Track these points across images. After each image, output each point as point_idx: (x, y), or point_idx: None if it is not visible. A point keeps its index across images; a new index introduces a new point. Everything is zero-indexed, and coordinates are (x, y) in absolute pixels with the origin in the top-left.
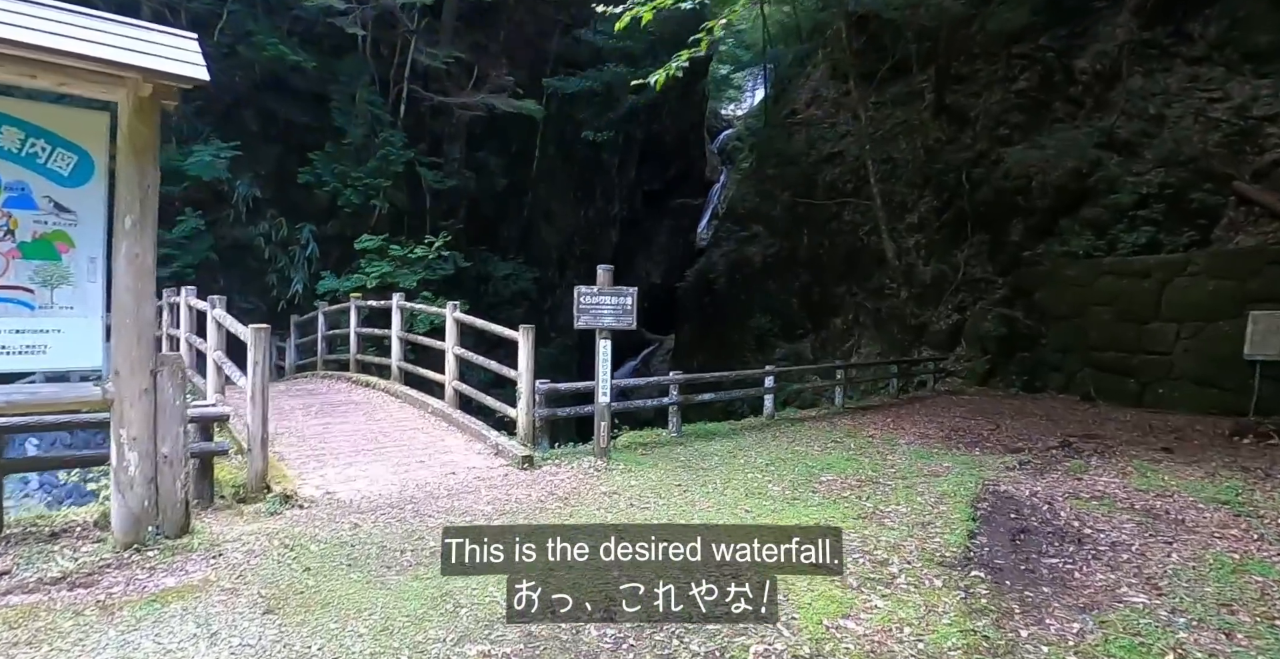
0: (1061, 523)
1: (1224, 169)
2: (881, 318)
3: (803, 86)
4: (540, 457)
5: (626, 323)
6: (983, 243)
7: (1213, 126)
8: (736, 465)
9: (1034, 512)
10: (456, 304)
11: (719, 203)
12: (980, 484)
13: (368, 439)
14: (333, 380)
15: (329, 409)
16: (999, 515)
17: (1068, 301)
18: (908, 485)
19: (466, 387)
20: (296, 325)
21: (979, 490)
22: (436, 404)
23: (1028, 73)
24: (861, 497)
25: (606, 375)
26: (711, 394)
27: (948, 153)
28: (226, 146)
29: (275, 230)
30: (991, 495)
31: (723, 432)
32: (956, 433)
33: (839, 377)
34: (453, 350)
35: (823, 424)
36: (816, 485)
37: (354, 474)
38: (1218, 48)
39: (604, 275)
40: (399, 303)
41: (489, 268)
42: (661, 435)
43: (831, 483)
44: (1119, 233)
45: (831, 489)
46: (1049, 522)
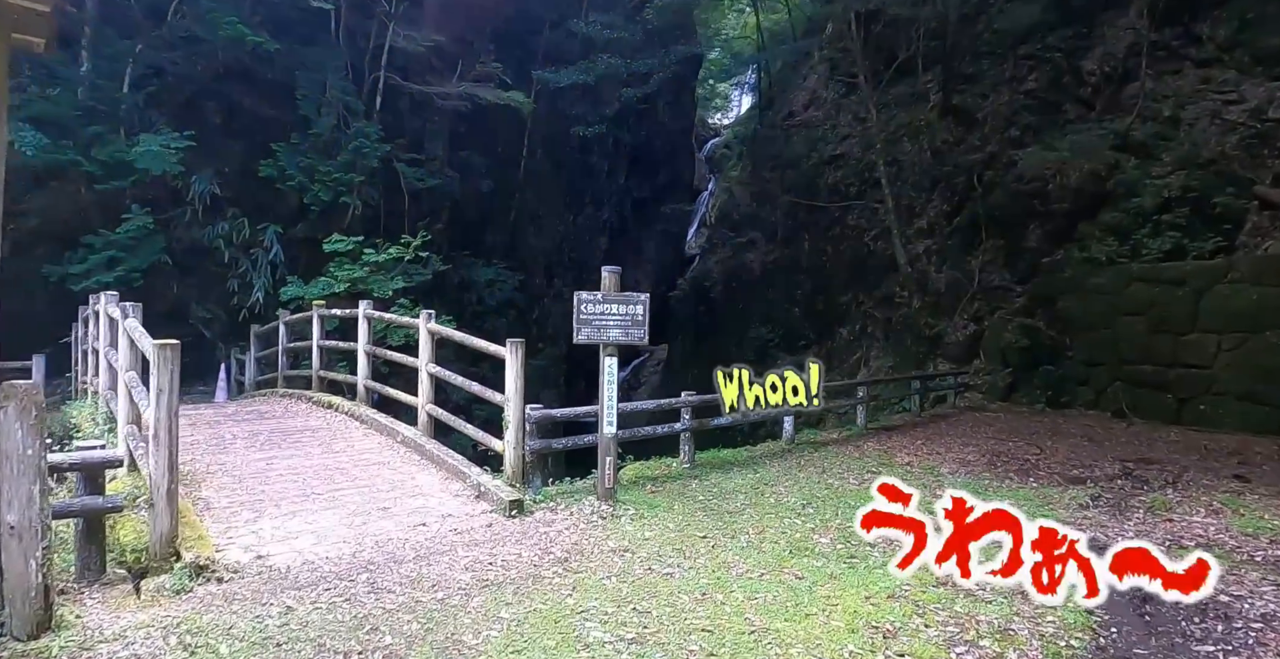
0: None
1: (1244, 172)
2: (892, 328)
3: (800, 89)
4: (531, 500)
5: (637, 336)
6: (998, 248)
7: (1229, 129)
8: (766, 506)
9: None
10: (431, 313)
11: (708, 211)
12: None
13: (321, 478)
14: (291, 401)
15: (279, 438)
16: None
17: (1094, 311)
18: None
19: (443, 412)
20: (257, 337)
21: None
22: (407, 432)
23: (1036, 73)
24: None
25: (612, 400)
26: (727, 418)
27: (956, 154)
28: (179, 137)
29: (236, 231)
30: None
31: (740, 460)
32: (1000, 459)
33: (861, 394)
34: (426, 368)
35: (848, 449)
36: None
37: (297, 527)
38: (1227, 50)
39: (610, 279)
40: (365, 311)
41: (472, 274)
42: (672, 467)
43: (883, 531)
44: (1142, 238)
45: (889, 540)
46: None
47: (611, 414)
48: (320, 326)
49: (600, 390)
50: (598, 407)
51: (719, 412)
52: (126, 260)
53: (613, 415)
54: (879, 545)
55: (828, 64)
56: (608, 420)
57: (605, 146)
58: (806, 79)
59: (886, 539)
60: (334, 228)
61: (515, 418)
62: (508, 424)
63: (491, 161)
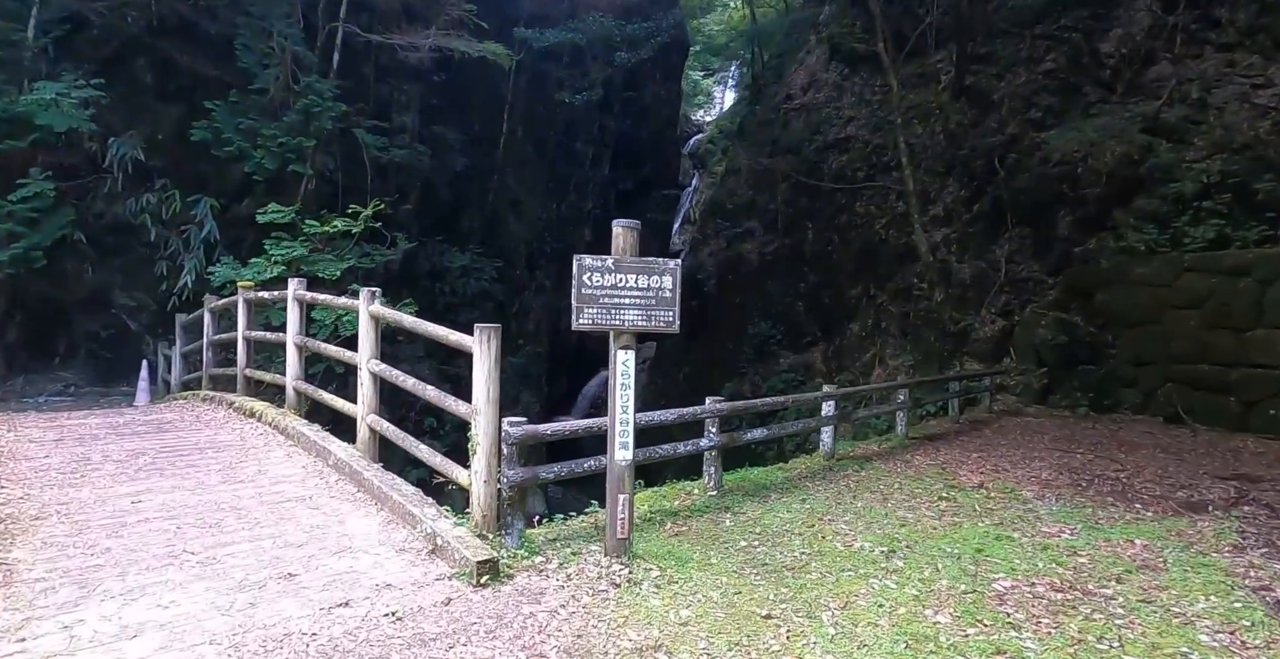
0: None
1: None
2: (911, 324)
3: (797, 71)
4: (510, 555)
5: (663, 321)
6: (1025, 236)
7: (1261, 113)
8: (835, 555)
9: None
10: (375, 291)
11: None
12: (1230, 585)
13: (206, 524)
14: (209, 407)
15: (168, 460)
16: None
17: (1140, 304)
18: (1140, 598)
19: (389, 426)
20: (183, 328)
21: (1259, 608)
22: (341, 453)
23: (1054, 54)
24: (1103, 638)
25: (627, 413)
26: (763, 430)
27: (973, 137)
28: (84, 85)
29: (166, 205)
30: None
31: (776, 483)
32: (1081, 477)
33: (900, 399)
34: (368, 366)
35: (897, 465)
36: (999, 605)
37: (139, 617)
38: (1249, 34)
39: (626, 237)
40: (295, 293)
41: (445, 261)
42: (694, 494)
43: (1018, 598)
44: (1183, 226)
45: (1031, 615)
46: None
47: (626, 433)
48: (247, 314)
49: (610, 400)
50: (606, 421)
51: (746, 419)
52: (27, 236)
53: (628, 435)
54: (1028, 625)
55: (827, 45)
56: (620, 441)
57: (590, 132)
58: (804, 61)
59: (1036, 616)
60: (285, 204)
61: (487, 438)
62: (476, 447)
63: (468, 138)
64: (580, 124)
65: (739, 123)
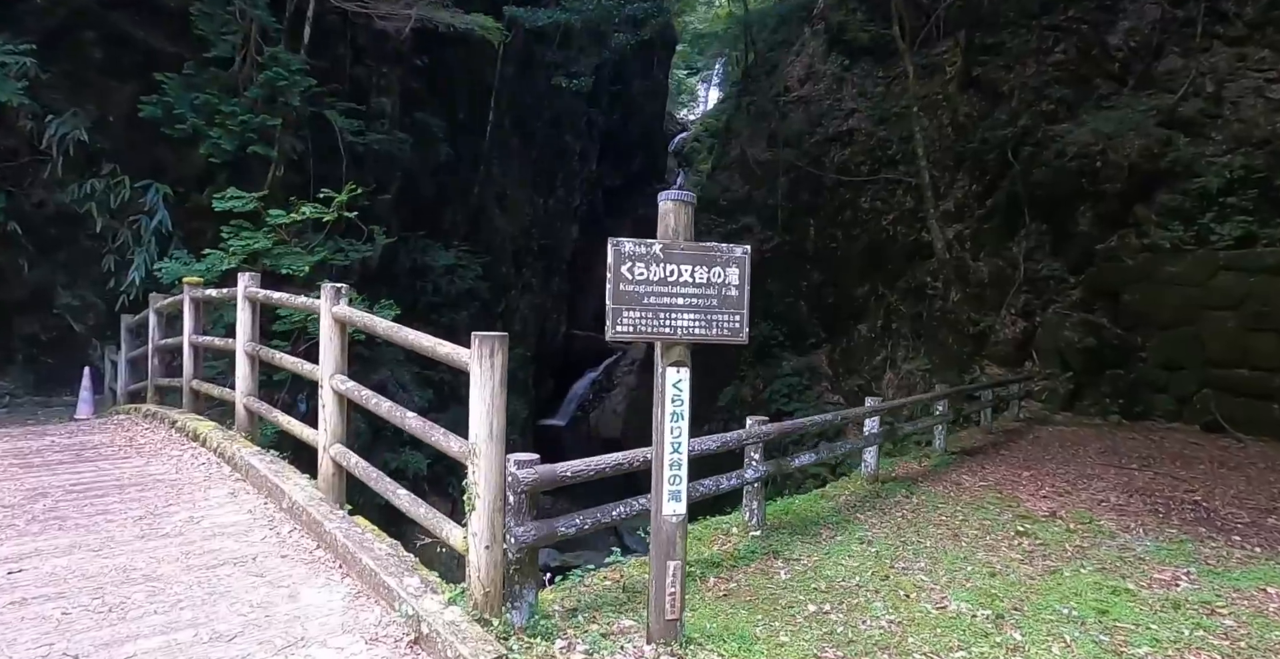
0: None
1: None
2: (924, 324)
3: (794, 63)
4: (522, 647)
5: (729, 327)
6: (1042, 233)
7: (1276, 108)
8: (930, 624)
9: None
10: (341, 288)
11: None
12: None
13: (104, 605)
14: (148, 425)
15: (77, 505)
16: None
17: (1170, 305)
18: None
19: (359, 461)
20: (129, 330)
21: None
22: (298, 494)
23: (1063, 45)
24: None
25: (680, 451)
26: (812, 455)
27: (983, 129)
28: (13, 52)
29: (114, 193)
30: None
31: (824, 515)
32: (1152, 500)
33: (940, 410)
34: (330, 382)
35: (947, 487)
36: None
37: None
38: (1258, 28)
39: (679, 214)
40: (246, 290)
41: (428, 259)
42: (733, 535)
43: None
44: (1209, 223)
45: None
46: None
47: (678, 479)
48: (195, 316)
49: (657, 434)
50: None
51: (798, 444)
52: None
53: (680, 481)
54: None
55: (826, 37)
56: (671, 490)
57: (578, 125)
58: (800, 54)
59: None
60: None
61: (490, 486)
62: (475, 499)
63: (452, 127)
64: (568, 116)
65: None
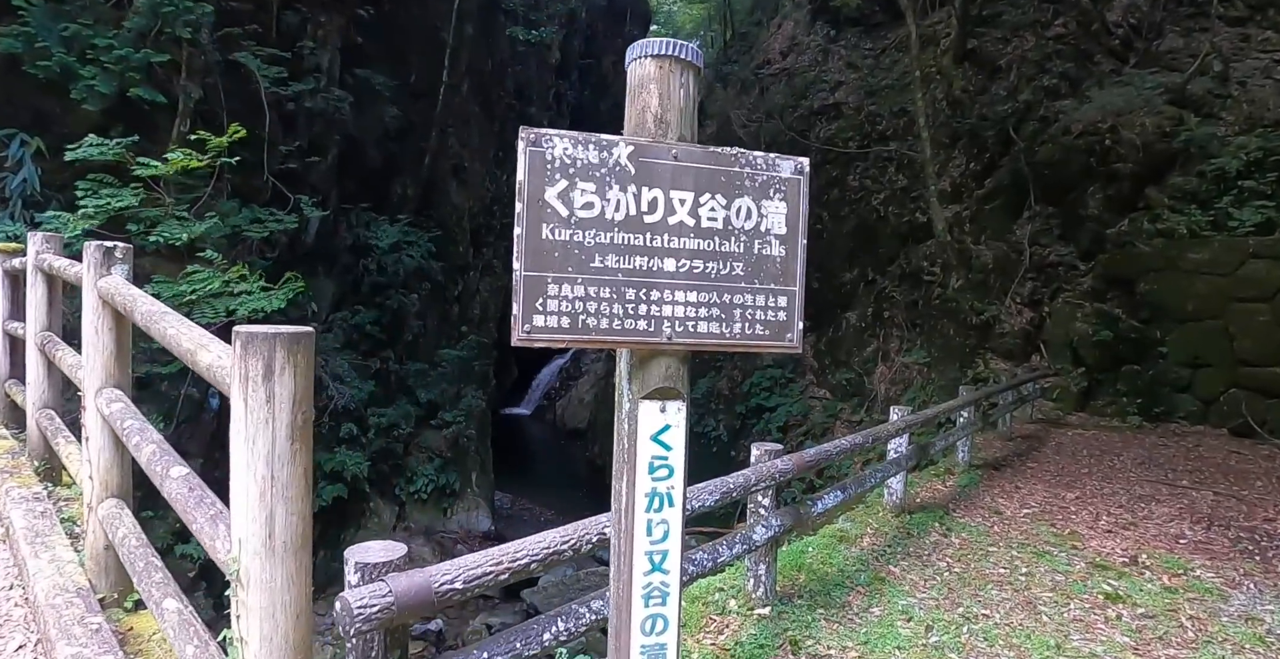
0: None
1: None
2: (921, 313)
3: (775, 35)
4: None
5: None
6: (1049, 215)
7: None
8: None
9: None
10: (116, 247)
11: None
12: None
13: None
14: None
15: None
16: None
17: (1193, 295)
18: None
19: (131, 531)
20: None
21: None
22: (50, 578)
23: (1063, 18)
24: None
25: (669, 567)
26: (838, 494)
27: (981, 105)
28: None
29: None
30: None
31: (848, 571)
32: (1238, 534)
33: (964, 418)
34: (96, 400)
35: (986, 518)
36: None
37: None
38: (1258, 9)
39: (666, 84)
40: (37, 258)
41: (371, 234)
42: (733, 612)
43: None
44: (1226, 207)
45: None
46: None
47: (659, 625)
48: (7, 293)
49: (619, 542)
50: (578, 534)
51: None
52: None
53: (665, 630)
54: None
55: (810, 6)
56: (645, 648)
57: (545, 98)
58: (781, 26)
59: None
60: (152, 155)
61: (275, 639)
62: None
63: (401, 88)
64: (533, 87)
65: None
